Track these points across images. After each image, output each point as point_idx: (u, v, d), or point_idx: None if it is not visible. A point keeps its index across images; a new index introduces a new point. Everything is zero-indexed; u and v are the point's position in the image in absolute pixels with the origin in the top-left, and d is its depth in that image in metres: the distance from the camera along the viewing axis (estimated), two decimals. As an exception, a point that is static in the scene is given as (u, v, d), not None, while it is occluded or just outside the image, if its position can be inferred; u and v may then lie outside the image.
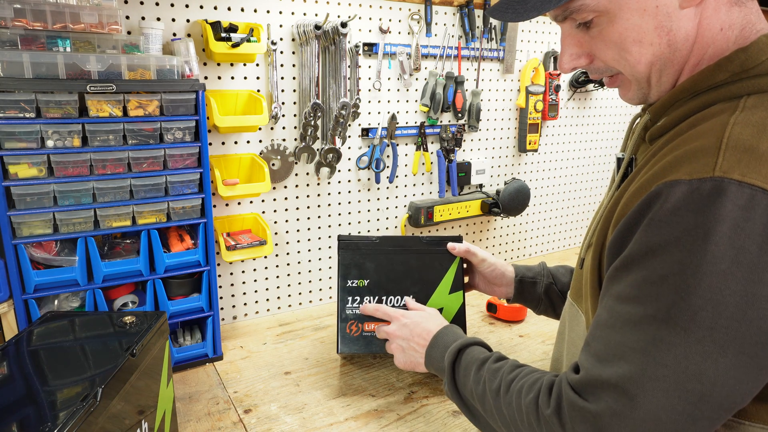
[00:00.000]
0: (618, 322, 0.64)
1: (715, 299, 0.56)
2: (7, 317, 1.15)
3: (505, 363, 0.83)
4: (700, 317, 0.57)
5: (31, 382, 0.78)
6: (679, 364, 0.57)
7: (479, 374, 0.85)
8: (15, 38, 1.06)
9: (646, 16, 0.65)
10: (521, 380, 0.76)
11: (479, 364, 0.86)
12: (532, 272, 1.24)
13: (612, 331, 0.64)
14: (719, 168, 0.57)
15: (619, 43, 0.68)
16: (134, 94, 1.17)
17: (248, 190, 1.42)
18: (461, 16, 1.78)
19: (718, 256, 0.56)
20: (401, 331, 1.10)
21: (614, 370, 0.61)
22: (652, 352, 0.59)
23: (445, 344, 0.99)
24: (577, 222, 2.38)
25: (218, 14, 1.40)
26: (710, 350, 0.56)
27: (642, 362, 0.59)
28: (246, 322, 1.61)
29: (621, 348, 0.62)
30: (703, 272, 0.56)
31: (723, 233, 0.55)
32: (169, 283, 1.31)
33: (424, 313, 1.12)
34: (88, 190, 1.15)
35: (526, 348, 1.44)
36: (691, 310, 0.57)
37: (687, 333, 0.57)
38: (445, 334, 1.02)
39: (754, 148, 0.57)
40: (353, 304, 1.25)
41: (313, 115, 1.53)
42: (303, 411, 1.16)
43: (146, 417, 0.90)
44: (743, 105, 0.62)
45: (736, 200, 0.55)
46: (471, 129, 1.90)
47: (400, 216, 1.84)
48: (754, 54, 0.64)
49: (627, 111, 2.37)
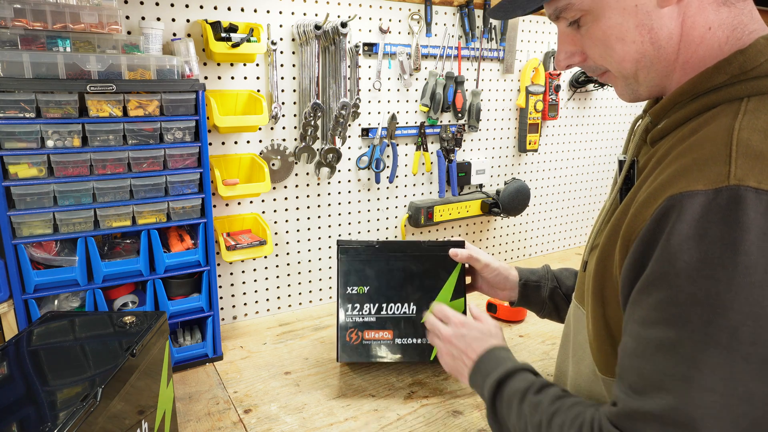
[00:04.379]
0: (648, 349, 0.60)
1: (755, 312, 0.53)
2: (7, 317, 1.15)
3: (546, 393, 0.78)
4: (741, 333, 0.53)
5: (31, 382, 0.78)
6: (726, 387, 0.53)
7: (521, 408, 0.79)
8: (15, 38, 1.06)
9: (626, 15, 0.67)
10: (562, 415, 0.71)
11: (521, 397, 0.80)
12: (536, 276, 1.21)
13: (643, 360, 0.60)
14: (734, 176, 0.56)
15: (603, 41, 0.70)
16: (134, 94, 1.17)
17: (248, 190, 1.41)
18: (461, 16, 1.78)
19: (750, 266, 0.53)
20: (457, 341, 1.02)
21: (656, 402, 0.57)
22: (695, 377, 0.55)
23: (486, 372, 0.92)
24: (577, 222, 2.38)
25: (218, 14, 1.40)
26: (756, 367, 0.53)
27: (685, 389, 0.55)
28: (246, 322, 1.61)
29: (658, 377, 0.58)
30: (738, 285, 0.53)
31: (751, 242, 0.53)
32: (169, 283, 1.31)
33: (484, 328, 1.03)
34: (88, 190, 1.15)
35: (526, 348, 1.44)
36: (731, 326, 0.53)
37: (730, 352, 0.53)
38: (487, 360, 0.94)
39: (764, 154, 0.56)
40: (353, 312, 1.24)
41: (313, 115, 1.53)
42: (303, 411, 1.16)
43: (146, 417, 0.90)
44: (745, 108, 0.62)
45: (757, 208, 0.54)
46: (471, 129, 1.90)
47: (400, 216, 1.84)
48: (752, 56, 0.64)
49: (627, 111, 2.37)
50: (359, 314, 1.23)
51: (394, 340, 1.25)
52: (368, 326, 1.23)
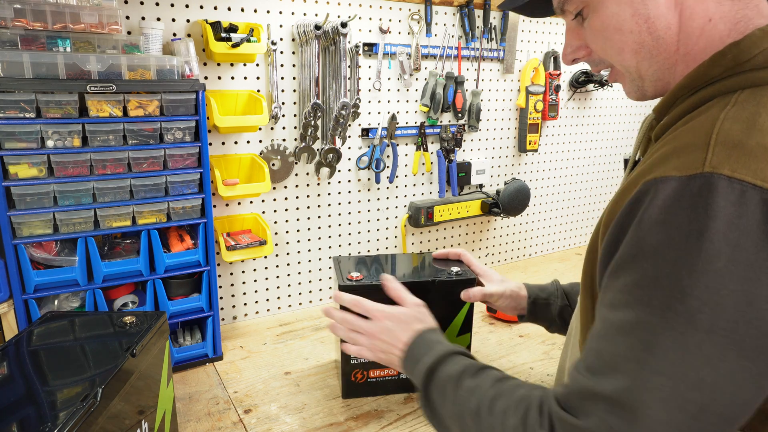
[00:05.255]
0: (610, 331, 0.60)
1: (713, 300, 0.53)
2: (7, 317, 1.15)
3: (484, 377, 0.75)
4: (697, 319, 0.53)
5: (31, 382, 0.78)
6: (676, 372, 0.54)
7: (457, 394, 0.76)
8: (15, 38, 1.06)
9: (622, 4, 0.68)
10: (505, 398, 0.69)
11: (455, 382, 0.77)
12: (545, 293, 1.19)
13: (604, 341, 0.60)
14: (708, 164, 0.55)
15: (602, 31, 0.71)
16: (134, 94, 1.17)
17: (248, 190, 1.42)
18: (461, 16, 1.78)
19: (713, 254, 0.53)
20: (383, 335, 0.97)
21: (609, 383, 0.57)
22: (647, 359, 0.55)
23: (416, 358, 0.88)
24: (578, 222, 2.38)
25: (218, 14, 1.40)
26: (709, 354, 0.53)
27: (636, 371, 0.55)
28: (246, 322, 1.61)
29: (614, 358, 0.58)
30: (699, 271, 0.53)
31: (717, 230, 0.53)
32: (169, 283, 1.31)
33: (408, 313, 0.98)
34: (88, 190, 1.15)
35: (526, 348, 1.44)
36: (688, 312, 0.54)
37: (683, 336, 0.54)
38: (416, 346, 0.90)
39: (743, 143, 0.56)
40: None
41: (313, 115, 1.53)
42: (303, 411, 1.16)
43: (146, 417, 0.90)
44: (735, 100, 0.61)
45: (728, 196, 0.53)
46: (471, 129, 1.90)
47: (400, 216, 1.84)
48: (746, 48, 0.63)
49: (627, 111, 2.37)
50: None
51: (399, 375, 1.22)
52: (373, 365, 1.19)
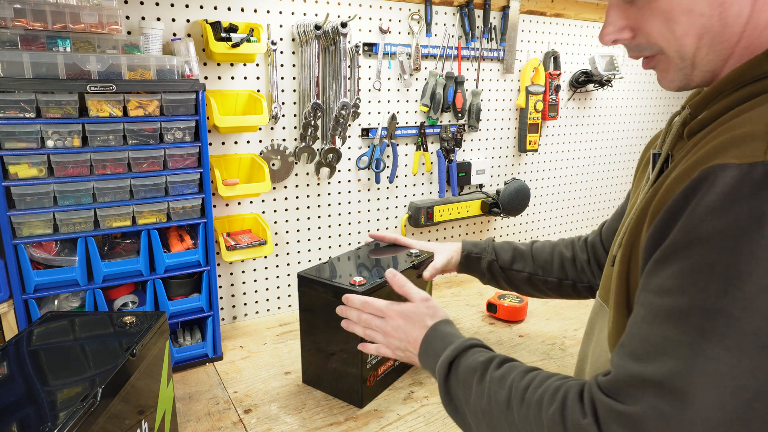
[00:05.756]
0: (659, 316, 0.58)
1: None
2: (7, 317, 1.15)
3: (512, 368, 0.74)
4: (755, 306, 0.52)
5: (31, 382, 0.78)
6: (731, 357, 0.53)
7: (481, 385, 0.75)
8: (15, 38, 1.06)
9: None
10: (538, 389, 0.67)
11: (480, 374, 0.76)
12: (478, 248, 1.33)
13: (651, 326, 0.59)
14: None
15: (668, 11, 0.66)
16: (134, 94, 1.17)
17: (248, 190, 1.41)
18: (461, 16, 1.78)
19: None
20: (397, 333, 0.97)
21: (657, 367, 0.56)
22: (700, 344, 0.54)
23: (434, 353, 0.88)
24: (578, 222, 2.38)
25: (218, 14, 1.40)
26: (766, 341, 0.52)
27: (690, 356, 0.54)
28: (246, 322, 1.61)
29: (663, 343, 0.57)
30: (759, 258, 0.52)
31: None
32: (169, 283, 1.31)
33: (418, 310, 0.97)
34: (88, 190, 1.15)
35: (526, 348, 1.44)
36: (746, 298, 0.52)
37: (740, 322, 0.53)
38: (432, 340, 0.90)
39: None
40: (372, 359, 1.17)
41: (313, 115, 1.53)
42: (303, 411, 1.16)
43: (146, 417, 0.90)
44: None
45: None
46: (471, 129, 1.90)
47: (400, 216, 1.84)
48: None
49: (627, 111, 2.37)
50: (374, 357, 1.19)
51: (395, 362, 1.27)
52: (382, 362, 1.21)
